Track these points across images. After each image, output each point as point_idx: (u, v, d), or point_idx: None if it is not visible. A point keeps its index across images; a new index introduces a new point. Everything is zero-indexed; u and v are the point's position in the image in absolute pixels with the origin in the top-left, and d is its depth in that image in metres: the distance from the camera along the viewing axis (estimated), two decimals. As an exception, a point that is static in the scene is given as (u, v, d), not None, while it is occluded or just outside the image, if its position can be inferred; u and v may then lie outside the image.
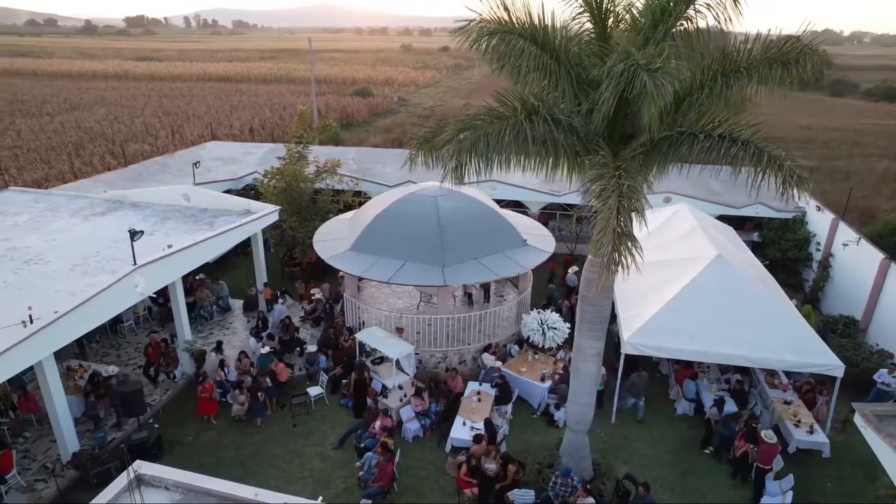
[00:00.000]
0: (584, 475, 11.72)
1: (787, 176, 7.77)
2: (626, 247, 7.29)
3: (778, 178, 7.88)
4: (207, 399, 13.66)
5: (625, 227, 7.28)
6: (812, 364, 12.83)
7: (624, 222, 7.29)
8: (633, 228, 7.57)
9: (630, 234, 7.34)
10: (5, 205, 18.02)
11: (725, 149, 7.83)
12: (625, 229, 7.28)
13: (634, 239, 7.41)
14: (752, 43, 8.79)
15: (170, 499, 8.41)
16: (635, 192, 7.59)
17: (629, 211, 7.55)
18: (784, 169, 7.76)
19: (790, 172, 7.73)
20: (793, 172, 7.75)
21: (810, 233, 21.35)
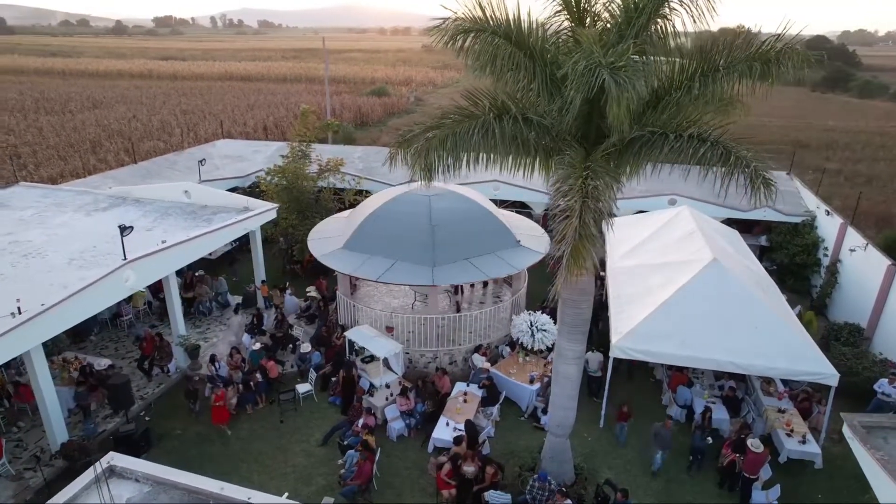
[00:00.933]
0: (564, 480, 11.59)
1: (753, 177, 7.55)
2: (586, 248, 7.16)
3: (745, 179, 7.65)
4: (223, 407, 13.28)
5: (587, 228, 7.15)
6: (805, 372, 12.49)
7: (587, 223, 7.16)
8: (597, 230, 7.44)
9: (592, 235, 7.21)
10: (14, 199, 18.49)
11: (694, 149, 7.63)
12: (587, 230, 7.15)
13: (596, 240, 7.28)
14: (732, 41, 8.58)
15: (139, 491, 8.52)
16: (602, 193, 7.45)
17: (594, 212, 7.42)
18: (750, 169, 7.53)
19: (755, 173, 7.50)
20: (758, 173, 7.53)
21: (819, 237, 20.80)
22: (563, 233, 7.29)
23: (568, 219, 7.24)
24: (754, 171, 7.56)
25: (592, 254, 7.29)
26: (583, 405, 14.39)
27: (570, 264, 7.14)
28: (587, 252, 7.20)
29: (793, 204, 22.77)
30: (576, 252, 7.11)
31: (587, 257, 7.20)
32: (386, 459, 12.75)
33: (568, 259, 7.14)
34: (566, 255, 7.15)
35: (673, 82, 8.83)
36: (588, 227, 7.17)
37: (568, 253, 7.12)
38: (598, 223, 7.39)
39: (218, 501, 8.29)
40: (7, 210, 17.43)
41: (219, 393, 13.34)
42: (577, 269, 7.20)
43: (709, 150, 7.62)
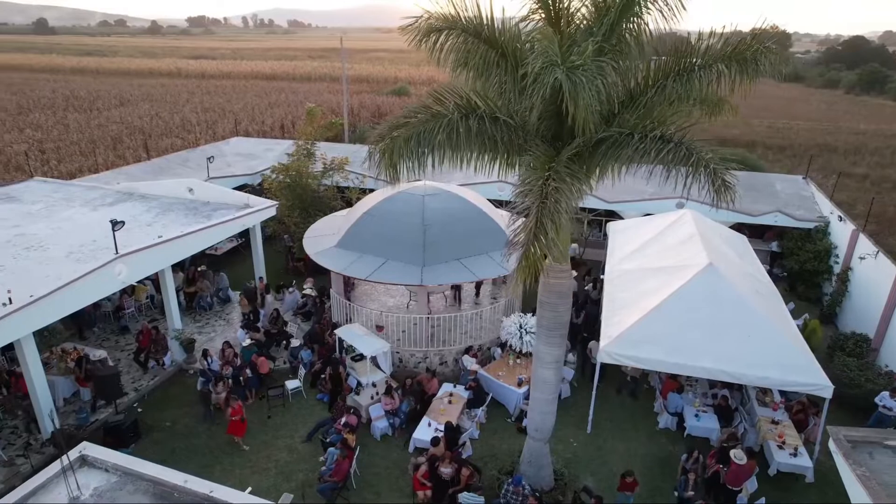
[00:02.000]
0: (542, 485, 11.45)
1: (713, 178, 7.30)
2: (540, 251, 7.03)
3: (706, 180, 7.40)
4: (238, 421, 12.91)
5: (543, 229, 7.02)
6: (798, 383, 12.08)
7: (543, 225, 7.03)
8: (555, 232, 7.31)
9: (548, 238, 7.08)
10: (27, 193, 19.08)
11: (657, 150, 7.42)
12: (542, 232, 7.02)
13: (553, 243, 7.15)
14: (707, 41, 8.35)
15: (107, 480, 8.68)
16: (562, 195, 7.31)
17: (552, 214, 7.29)
18: (709, 170, 7.27)
19: (714, 174, 7.25)
20: (717, 175, 7.27)
21: (832, 244, 20.13)
22: (517, 234, 7.18)
23: (524, 219, 7.12)
24: (713, 172, 7.29)
25: (548, 256, 7.14)
26: (573, 408, 14.31)
27: (521, 267, 7.02)
28: (541, 255, 7.07)
29: (807, 209, 22.10)
30: (528, 255, 6.99)
31: (542, 259, 7.06)
32: (368, 458, 12.78)
33: (520, 261, 7.03)
34: (518, 258, 7.03)
35: (648, 81, 8.64)
36: (544, 229, 7.04)
37: (520, 255, 7.00)
38: (557, 226, 7.24)
39: (181, 493, 8.40)
40: (18, 204, 17.99)
41: (235, 407, 12.88)
42: (529, 272, 7.07)
43: (671, 151, 7.39)
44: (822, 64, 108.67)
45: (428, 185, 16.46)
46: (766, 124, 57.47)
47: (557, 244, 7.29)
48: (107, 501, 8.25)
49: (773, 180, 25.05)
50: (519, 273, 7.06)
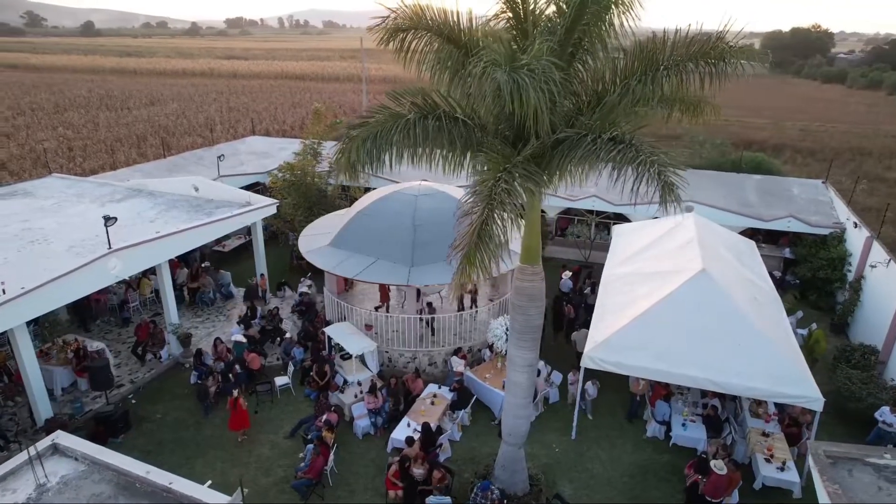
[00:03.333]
0: (516, 490, 11.32)
1: (656, 178, 7.06)
2: (485, 252, 6.94)
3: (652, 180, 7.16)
4: (239, 413, 12.92)
5: (489, 231, 6.93)
6: (787, 394, 11.65)
7: (488, 226, 6.95)
8: (504, 235, 7.22)
9: (493, 239, 6.99)
10: (42, 189, 19.81)
11: (606, 150, 7.22)
12: (488, 234, 6.94)
13: (499, 245, 7.05)
14: (674, 41, 8.12)
15: (75, 468, 8.94)
16: (511, 196, 7.21)
17: (502, 215, 7.20)
18: (654, 170, 7.02)
19: (658, 174, 6.99)
20: (662, 176, 7.01)
21: (847, 251, 19.35)
22: (463, 235, 7.11)
23: (470, 219, 7.05)
24: (658, 174, 7.05)
25: (492, 258, 7.05)
26: (561, 413, 14.10)
27: (462, 268, 6.95)
28: (485, 257, 6.98)
29: (823, 214, 21.30)
30: (471, 256, 6.91)
31: (488, 261, 6.97)
32: (348, 456, 12.85)
33: (461, 263, 6.95)
34: (460, 259, 6.96)
35: (616, 81, 8.46)
36: (490, 231, 6.95)
37: (462, 256, 6.93)
38: (505, 228, 7.14)
39: (142, 484, 8.60)
40: (32, 199, 18.68)
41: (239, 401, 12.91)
42: (470, 275, 6.99)
43: (621, 152, 7.17)
44: (866, 64, 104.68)
45: (423, 186, 16.46)
46: (799, 127, 55.63)
47: (503, 246, 7.16)
48: (71, 489, 8.50)
49: (789, 184, 24.24)
50: (459, 276, 6.98)
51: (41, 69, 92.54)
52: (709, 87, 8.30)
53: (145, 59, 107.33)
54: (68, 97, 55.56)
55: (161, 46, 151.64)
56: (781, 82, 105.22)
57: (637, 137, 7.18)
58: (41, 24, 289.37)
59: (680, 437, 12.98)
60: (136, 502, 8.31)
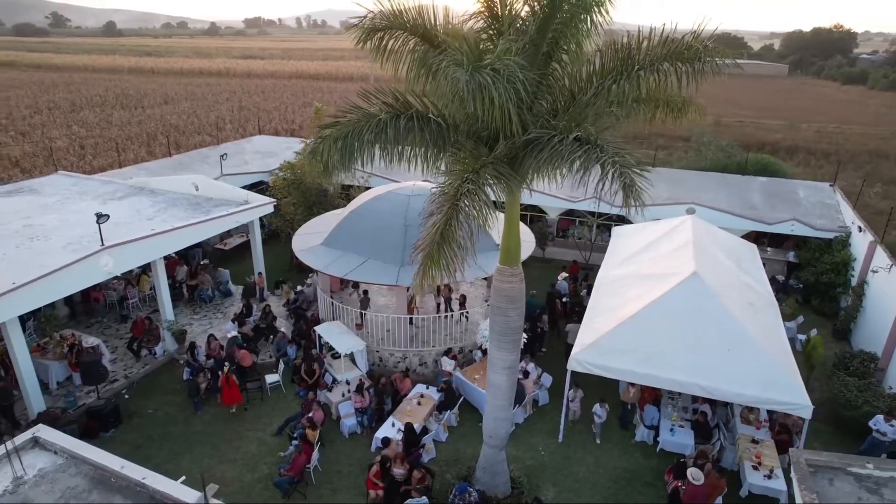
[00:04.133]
0: (497, 492, 11.26)
1: (618, 178, 6.93)
2: (449, 253, 6.90)
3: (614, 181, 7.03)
4: (233, 388, 13.75)
5: (452, 232, 6.90)
6: (775, 401, 11.43)
7: (451, 228, 6.91)
8: (470, 237, 7.17)
9: (455, 240, 6.95)
10: (47, 186, 20.15)
11: (570, 151, 7.11)
12: (450, 235, 6.90)
13: (460, 246, 7.01)
14: (649, 41, 8.01)
15: (53, 462, 9.06)
16: (475, 197, 7.17)
17: (467, 216, 7.16)
18: (616, 170, 6.88)
19: (620, 174, 6.86)
20: (623, 175, 6.86)
21: (851, 256, 18.95)
22: (424, 236, 7.08)
23: (433, 220, 7.01)
24: (619, 174, 6.91)
25: (455, 260, 7.00)
26: (549, 416, 14.00)
27: (423, 270, 6.91)
28: (448, 258, 6.94)
29: (829, 218, 20.91)
30: (432, 258, 6.87)
31: (446, 265, 6.93)
32: (333, 455, 12.90)
33: (423, 264, 6.92)
34: (421, 260, 6.93)
35: (594, 80, 8.38)
36: (453, 232, 6.91)
37: (423, 257, 6.90)
38: (471, 231, 7.09)
39: (117, 479, 8.70)
40: (36, 196, 19.02)
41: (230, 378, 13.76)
42: (429, 277, 6.96)
43: (585, 153, 7.05)
44: (889, 64, 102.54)
45: (417, 186, 16.45)
46: (815, 128, 54.66)
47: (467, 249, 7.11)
48: (47, 482, 8.63)
49: (795, 187, 23.82)
50: (419, 278, 6.95)
51: (62, 69, 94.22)
52: (686, 87, 8.18)
53: (163, 59, 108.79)
54: (85, 96, 56.53)
55: (180, 46, 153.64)
56: (800, 83, 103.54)
57: (603, 138, 7.06)
58: (65, 24, 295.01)
59: (667, 443, 12.82)
60: (109, 497, 8.43)
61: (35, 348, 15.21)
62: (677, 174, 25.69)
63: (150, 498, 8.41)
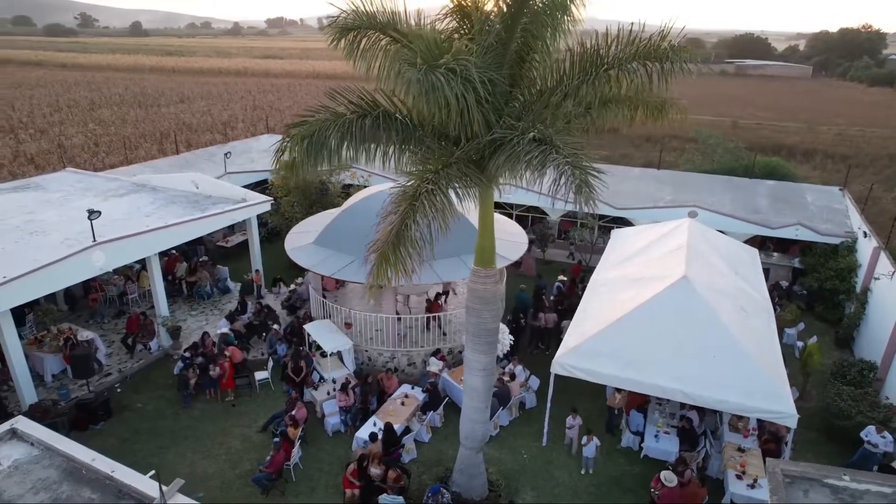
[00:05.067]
0: (473, 494, 11.19)
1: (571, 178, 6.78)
2: (404, 253, 6.87)
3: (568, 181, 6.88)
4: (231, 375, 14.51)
5: (407, 234, 6.86)
6: (759, 409, 11.19)
7: (407, 229, 6.88)
8: (429, 239, 7.13)
9: (411, 241, 6.91)
10: (53, 183, 20.58)
11: (526, 151, 7.00)
12: (405, 237, 6.86)
13: (416, 247, 6.97)
14: (617, 41, 7.89)
15: (28, 453, 9.23)
16: (434, 198, 7.12)
17: (426, 217, 7.12)
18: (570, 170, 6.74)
19: (572, 174, 6.70)
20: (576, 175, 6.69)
21: (857, 262, 18.47)
22: (380, 234, 7.05)
23: (389, 220, 6.99)
24: (572, 173, 6.76)
25: (410, 261, 6.96)
26: (536, 419, 13.85)
27: (376, 270, 6.89)
28: (403, 258, 6.91)
29: (836, 223, 20.42)
30: (384, 259, 6.84)
31: (406, 263, 6.89)
32: (315, 453, 12.95)
33: (377, 263, 6.90)
34: (373, 260, 6.90)
35: (564, 80, 8.28)
36: (408, 232, 6.88)
37: (375, 257, 6.87)
38: (430, 232, 7.05)
39: (88, 471, 8.83)
40: (41, 192, 19.42)
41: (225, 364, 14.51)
42: (382, 277, 6.93)
43: (543, 153, 6.92)
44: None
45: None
46: (835, 131, 53.45)
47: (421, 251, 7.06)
48: (20, 473, 8.79)
49: (804, 191, 23.31)
50: (373, 278, 6.92)
51: (87, 68, 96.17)
52: (658, 87, 8.05)
53: (184, 59, 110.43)
54: (105, 95, 57.66)
55: (202, 46, 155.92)
56: (824, 85, 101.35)
57: (562, 139, 6.95)
58: (93, 24, 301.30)
59: (651, 449, 12.63)
60: (78, 489, 8.56)
61: (32, 341, 15.55)
62: (682, 176, 25.34)
63: (118, 491, 8.51)
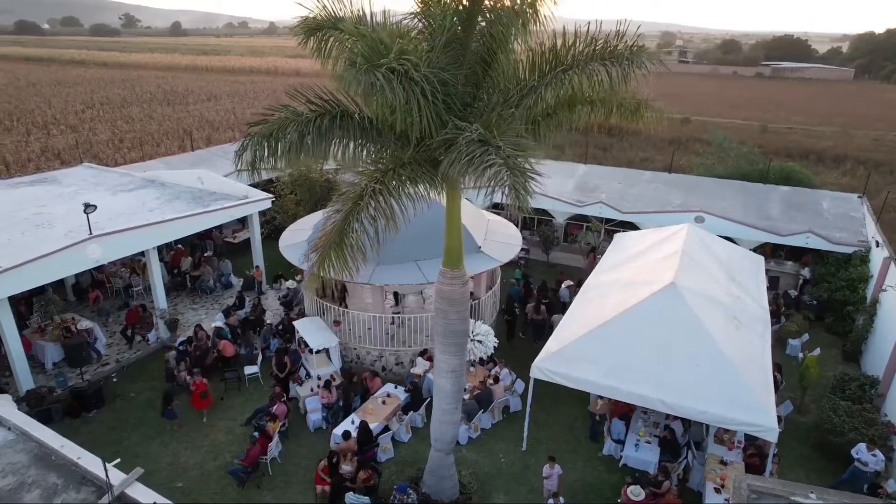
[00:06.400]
0: (443, 496, 11.15)
1: (505, 179, 6.60)
2: (346, 252, 6.88)
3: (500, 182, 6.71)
4: (198, 396, 13.57)
5: (349, 235, 6.87)
6: (738, 421, 10.82)
7: (349, 229, 6.88)
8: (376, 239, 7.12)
9: (354, 241, 6.91)
10: (68, 177, 21.30)
11: (467, 151, 6.88)
12: (348, 238, 6.87)
13: (358, 247, 6.97)
14: (575, 40, 7.75)
15: (4, 437, 9.58)
16: (380, 198, 7.11)
17: (372, 217, 7.11)
18: (503, 172, 6.55)
19: (505, 175, 6.50)
20: (506, 176, 6.49)
21: (869, 273, 17.74)
22: (324, 232, 7.07)
23: (334, 219, 7.00)
24: (505, 176, 6.59)
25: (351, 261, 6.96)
26: (519, 423, 13.69)
27: (318, 267, 6.90)
28: (345, 257, 6.91)
29: (851, 232, 19.66)
30: (326, 258, 6.85)
31: (341, 265, 6.89)
32: (295, 448, 13.08)
33: (314, 264, 6.91)
34: (312, 260, 6.92)
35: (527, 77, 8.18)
36: (351, 231, 6.88)
37: (315, 257, 6.89)
38: (377, 232, 7.04)
39: (57, 457, 9.11)
40: (55, 186, 20.12)
41: (197, 381, 13.66)
42: (320, 277, 6.93)
43: (482, 154, 6.79)
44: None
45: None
46: (872, 136, 51.46)
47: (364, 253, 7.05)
48: (-7, 456, 9.13)
49: (820, 198, 22.49)
50: (311, 279, 6.94)
51: (126, 66, 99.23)
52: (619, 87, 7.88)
53: (218, 58, 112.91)
54: (136, 92, 59.40)
55: (237, 45, 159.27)
56: (866, 88, 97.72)
57: (506, 139, 6.83)
58: (136, 24, 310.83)
59: (630, 458, 12.37)
60: (45, 473, 8.84)
61: (35, 329, 16.13)
62: (694, 181, 24.74)
63: (81, 477, 8.76)
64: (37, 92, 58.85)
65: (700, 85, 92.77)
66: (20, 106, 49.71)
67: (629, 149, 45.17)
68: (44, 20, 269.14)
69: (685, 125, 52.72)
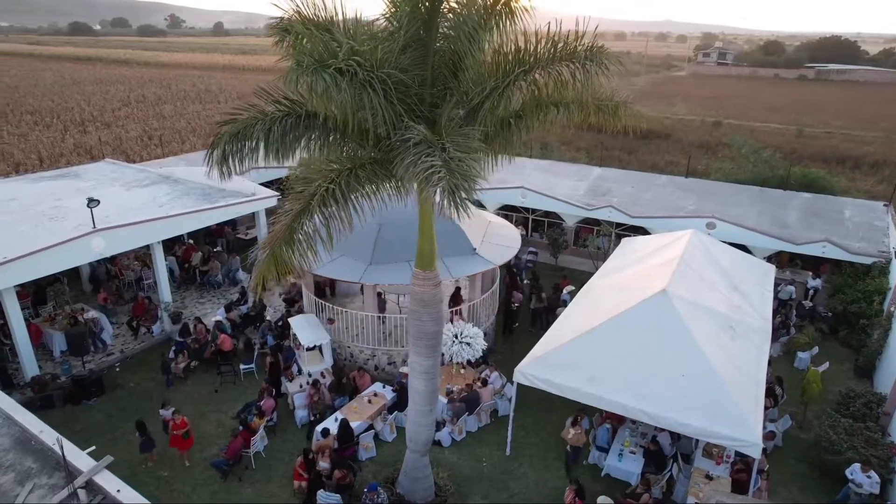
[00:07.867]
0: (417, 498, 11.13)
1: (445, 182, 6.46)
2: (296, 251, 6.92)
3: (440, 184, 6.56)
4: (180, 437, 12.27)
5: (296, 234, 6.91)
6: (721, 435, 10.46)
7: (297, 229, 6.92)
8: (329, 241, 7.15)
9: (303, 241, 6.94)
10: (89, 172, 22.11)
11: (413, 153, 6.81)
12: (299, 234, 6.91)
13: (307, 248, 6.99)
14: (535, 42, 7.63)
15: (-9, 422, 9.99)
16: (332, 199, 7.14)
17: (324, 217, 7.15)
18: (441, 171, 6.42)
19: (435, 174, 6.35)
20: (444, 178, 6.34)
21: (888, 285, 16.93)
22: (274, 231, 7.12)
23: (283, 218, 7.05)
24: (438, 178, 6.46)
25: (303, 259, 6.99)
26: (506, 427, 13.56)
27: (265, 265, 6.95)
28: (293, 256, 6.95)
29: (872, 241, 18.80)
30: (273, 258, 6.89)
31: (285, 267, 6.93)
32: (281, 443, 13.24)
33: (266, 259, 6.96)
34: (260, 257, 6.98)
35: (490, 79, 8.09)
36: (300, 231, 6.92)
37: (263, 255, 6.95)
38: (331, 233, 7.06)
39: (36, 442, 9.44)
40: (76, 180, 20.89)
41: (178, 421, 12.22)
42: (264, 277, 6.98)
43: (426, 156, 6.72)
44: None
45: (403, 185, 16.48)
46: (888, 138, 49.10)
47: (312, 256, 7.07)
48: (-22, 439, 9.52)
49: (843, 206, 21.58)
50: (256, 276, 7.00)
51: (167, 66, 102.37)
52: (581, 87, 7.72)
53: (255, 57, 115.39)
54: (172, 91, 61.23)
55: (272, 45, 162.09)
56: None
57: (455, 141, 6.75)
58: (180, 25, 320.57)
59: (612, 468, 12.10)
60: (23, 457, 9.17)
61: (47, 318, 16.77)
62: (709, 186, 24.07)
63: (56, 463, 9.06)
64: (80, 90, 61.26)
65: (739, 87, 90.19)
66: (62, 104, 51.82)
67: (656, 152, 44.26)
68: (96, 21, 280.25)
69: (717, 128, 51.34)
